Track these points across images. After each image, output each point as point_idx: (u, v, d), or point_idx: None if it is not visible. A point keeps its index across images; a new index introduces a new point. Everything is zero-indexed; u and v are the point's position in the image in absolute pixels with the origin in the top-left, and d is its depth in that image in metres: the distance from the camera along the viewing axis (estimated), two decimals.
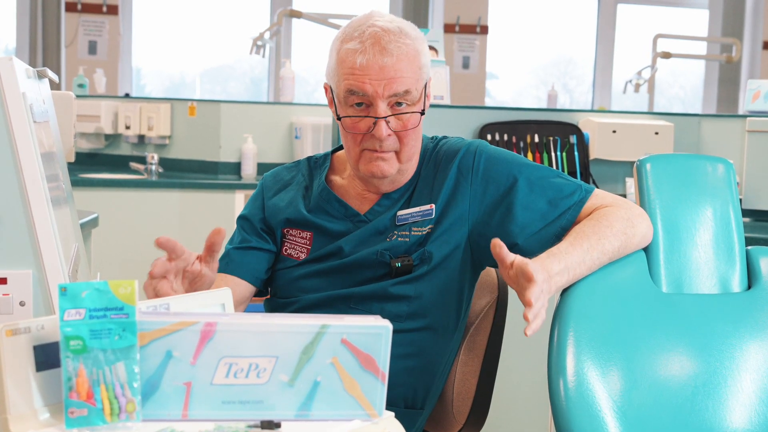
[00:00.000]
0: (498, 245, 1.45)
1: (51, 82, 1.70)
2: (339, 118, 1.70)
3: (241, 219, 1.83)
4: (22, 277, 1.28)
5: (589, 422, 1.49)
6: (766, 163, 3.25)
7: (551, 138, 3.63)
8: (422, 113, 1.69)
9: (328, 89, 1.74)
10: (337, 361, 1.12)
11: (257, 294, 1.82)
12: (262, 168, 4.65)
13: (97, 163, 4.98)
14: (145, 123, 4.83)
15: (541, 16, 8.21)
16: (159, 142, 4.85)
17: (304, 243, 1.76)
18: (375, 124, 1.65)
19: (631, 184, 3.58)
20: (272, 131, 4.76)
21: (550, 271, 1.51)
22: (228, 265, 1.77)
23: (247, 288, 1.78)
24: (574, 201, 1.68)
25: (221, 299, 1.28)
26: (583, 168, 3.65)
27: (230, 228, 2.23)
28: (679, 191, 1.68)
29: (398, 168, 1.71)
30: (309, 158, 1.86)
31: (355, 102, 1.66)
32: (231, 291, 1.70)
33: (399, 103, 1.66)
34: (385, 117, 1.65)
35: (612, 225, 1.61)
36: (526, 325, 1.40)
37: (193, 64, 7.73)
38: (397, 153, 1.69)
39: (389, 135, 1.66)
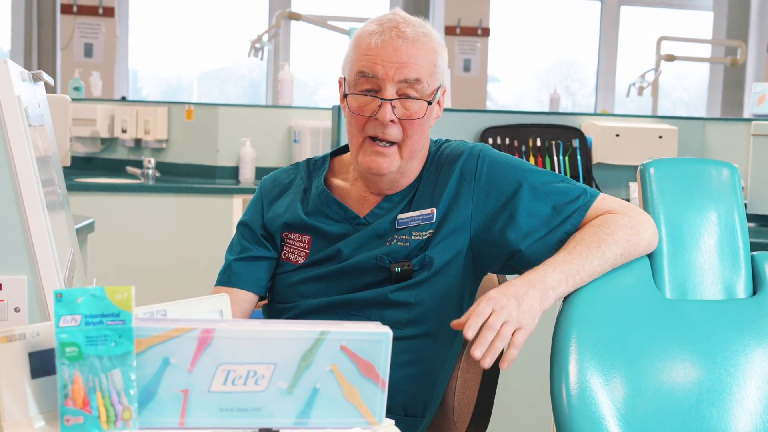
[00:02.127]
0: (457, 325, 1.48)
1: (46, 85, 1.69)
2: (345, 96, 1.69)
3: (241, 225, 1.82)
4: (17, 282, 1.27)
5: (592, 430, 1.47)
6: None
7: (553, 142, 3.62)
8: (429, 103, 1.67)
9: (341, 82, 1.73)
10: (336, 367, 1.11)
11: (259, 299, 1.81)
12: (260, 172, 4.62)
13: (93, 167, 4.95)
14: (142, 127, 4.80)
15: (543, 18, 8.20)
16: (156, 146, 4.82)
17: (303, 247, 1.75)
18: (380, 107, 1.64)
19: (634, 188, 3.57)
20: (271, 135, 4.73)
21: (541, 276, 1.52)
22: (230, 278, 1.76)
23: (252, 299, 1.78)
24: (578, 205, 1.67)
25: (219, 305, 1.27)
26: (586, 172, 3.64)
27: (228, 234, 2.24)
28: (683, 196, 1.67)
29: (399, 165, 1.69)
30: (308, 160, 1.85)
31: (364, 86, 1.66)
32: (237, 304, 1.70)
33: (408, 95, 1.65)
34: (391, 100, 1.64)
35: (614, 232, 1.59)
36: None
37: (190, 66, 7.71)
38: (400, 147, 1.67)
39: (393, 121, 1.65)
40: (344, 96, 1.70)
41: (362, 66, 1.65)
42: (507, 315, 1.46)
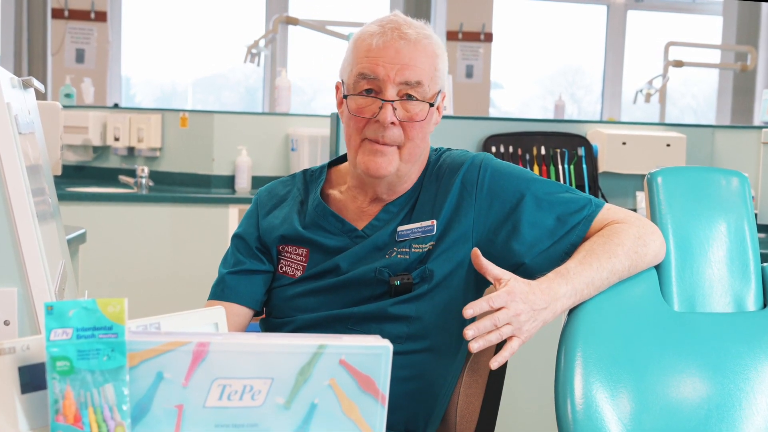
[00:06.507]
0: (476, 256, 1.48)
1: (37, 91, 1.69)
2: (345, 97, 1.67)
3: (236, 238, 1.80)
4: (7, 295, 1.26)
5: None
6: None
7: (558, 150, 3.60)
8: (431, 105, 1.66)
9: (339, 87, 1.71)
10: (335, 382, 1.09)
11: (254, 314, 1.79)
12: (256, 181, 4.60)
13: (85, 176, 4.93)
14: (135, 134, 4.77)
15: (548, 22, 8.19)
16: (149, 155, 4.79)
17: (300, 260, 1.73)
18: (381, 108, 1.62)
19: (641, 198, 3.55)
20: (267, 143, 4.71)
21: (556, 293, 1.50)
22: (224, 292, 1.74)
23: (247, 313, 1.76)
24: (583, 216, 1.65)
25: (214, 318, 1.25)
26: (592, 181, 3.62)
27: (223, 245, 2.23)
28: (691, 206, 1.66)
29: (398, 167, 1.67)
30: (304, 171, 1.83)
31: (364, 88, 1.64)
32: (231, 319, 1.68)
33: (409, 96, 1.63)
34: (393, 101, 1.62)
35: (623, 243, 1.57)
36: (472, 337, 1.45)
37: (184, 72, 7.69)
38: (400, 148, 1.66)
39: (393, 124, 1.63)
40: (344, 97, 1.68)
41: (363, 67, 1.63)
42: (514, 319, 1.46)
